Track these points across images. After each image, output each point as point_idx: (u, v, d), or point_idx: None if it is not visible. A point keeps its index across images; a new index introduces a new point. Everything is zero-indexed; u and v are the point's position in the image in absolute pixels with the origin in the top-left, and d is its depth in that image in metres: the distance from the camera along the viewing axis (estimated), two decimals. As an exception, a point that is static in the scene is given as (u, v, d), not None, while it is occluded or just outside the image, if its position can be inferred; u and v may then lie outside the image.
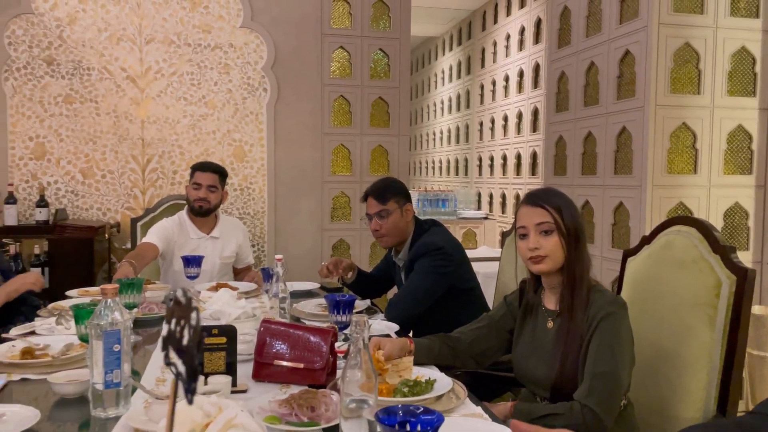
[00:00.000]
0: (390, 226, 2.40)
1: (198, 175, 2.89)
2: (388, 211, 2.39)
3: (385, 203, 2.40)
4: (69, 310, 2.08)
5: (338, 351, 1.58)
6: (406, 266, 2.39)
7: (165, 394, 1.26)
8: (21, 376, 1.52)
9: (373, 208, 2.43)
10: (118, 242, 4.30)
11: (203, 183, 2.88)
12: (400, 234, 2.43)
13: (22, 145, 4.10)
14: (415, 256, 2.32)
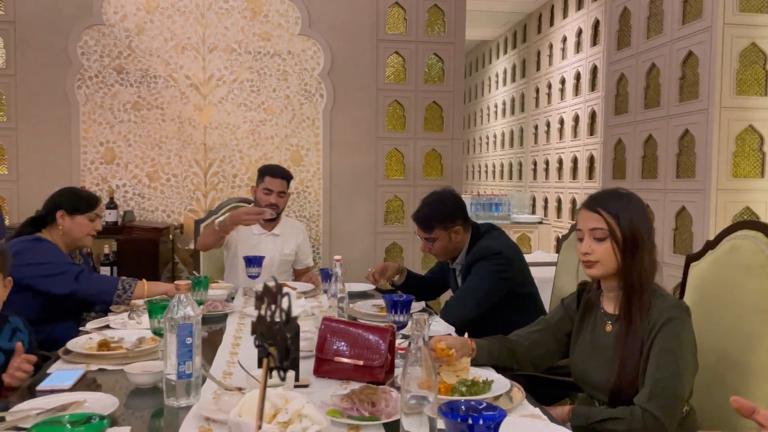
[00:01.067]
0: (438, 249, 2.40)
1: (269, 181, 2.97)
2: (434, 238, 2.38)
3: (431, 232, 2.38)
4: (140, 306, 2.20)
5: (399, 348, 1.62)
6: (462, 270, 2.39)
7: (234, 385, 1.32)
8: (98, 367, 1.62)
9: (420, 233, 2.43)
10: (181, 243, 4.48)
11: (274, 189, 2.97)
12: (451, 252, 2.43)
13: (93, 150, 4.32)
14: (473, 260, 2.31)
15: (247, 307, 2.34)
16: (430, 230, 2.36)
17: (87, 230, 2.36)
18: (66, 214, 2.32)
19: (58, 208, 2.32)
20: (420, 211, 2.42)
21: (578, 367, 1.65)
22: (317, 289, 2.77)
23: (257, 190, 3.02)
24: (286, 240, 3.08)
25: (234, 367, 1.64)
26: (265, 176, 2.99)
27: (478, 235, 2.40)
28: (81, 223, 2.34)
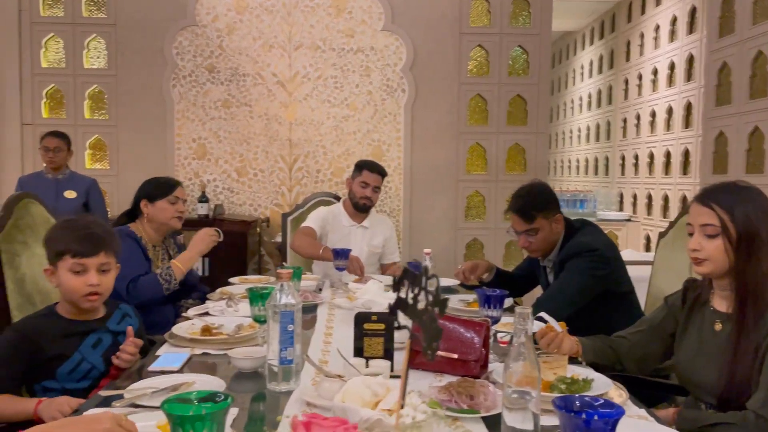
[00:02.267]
0: (540, 242, 2.27)
1: (367, 175, 3.02)
2: (536, 229, 2.24)
3: (532, 222, 2.24)
4: (236, 295, 2.29)
5: (501, 342, 1.60)
6: (555, 267, 2.31)
7: (335, 373, 1.35)
8: (202, 351, 1.70)
9: (519, 226, 2.27)
10: (267, 236, 4.62)
11: (371, 183, 3.03)
12: (551, 244, 2.31)
13: (186, 146, 4.53)
14: (566, 256, 2.22)
15: (336, 299, 2.38)
16: (531, 220, 2.23)
17: (170, 213, 2.43)
18: (148, 203, 2.42)
19: (141, 199, 2.44)
20: (517, 202, 2.29)
21: (683, 367, 1.57)
22: (402, 283, 2.78)
23: (353, 182, 3.07)
24: (375, 233, 3.12)
25: (329, 356, 1.67)
26: (363, 170, 3.05)
27: (571, 231, 2.30)
28: (162, 208, 2.41)
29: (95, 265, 1.59)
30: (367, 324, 1.52)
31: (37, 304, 2.17)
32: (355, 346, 1.53)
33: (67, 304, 1.62)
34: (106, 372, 1.63)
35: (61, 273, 1.58)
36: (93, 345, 1.60)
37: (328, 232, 3.06)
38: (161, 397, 1.30)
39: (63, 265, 1.58)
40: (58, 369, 1.55)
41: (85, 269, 1.57)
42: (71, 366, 1.56)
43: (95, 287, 1.58)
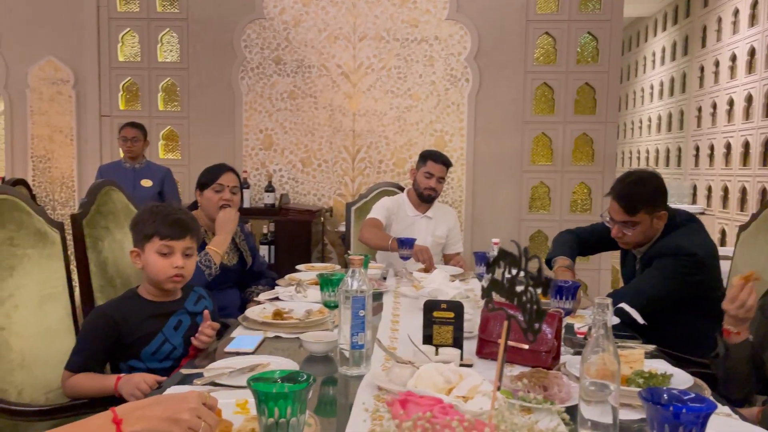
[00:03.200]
0: (635, 236, 2.12)
1: (431, 165, 3.02)
2: (636, 222, 2.09)
3: (633, 215, 2.08)
4: (305, 281, 2.33)
5: (578, 332, 1.57)
6: (645, 259, 2.16)
7: (406, 359, 1.36)
8: (275, 334, 1.74)
9: (618, 215, 2.12)
10: (331, 225, 4.69)
11: (435, 174, 3.02)
12: (647, 239, 2.15)
13: (253, 137, 4.65)
14: (658, 253, 2.07)
15: (401, 287, 2.39)
16: (633, 213, 2.07)
17: (215, 202, 2.39)
18: (199, 192, 2.46)
19: (196, 189, 2.48)
20: (622, 190, 2.11)
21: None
22: (466, 273, 2.77)
23: (417, 173, 3.07)
24: (439, 223, 3.12)
25: (397, 342, 1.69)
26: (428, 160, 3.04)
27: (673, 224, 2.11)
28: (208, 197, 2.41)
29: (181, 248, 1.66)
30: (436, 312, 1.52)
31: (118, 286, 2.28)
32: (424, 334, 1.54)
33: (149, 287, 1.70)
34: (185, 353, 1.70)
35: (148, 255, 1.66)
36: (175, 326, 1.67)
37: (392, 222, 3.08)
38: (239, 376, 1.35)
39: (151, 247, 1.65)
40: (143, 350, 1.62)
41: (171, 252, 1.65)
42: (155, 347, 1.64)
43: (180, 269, 1.65)
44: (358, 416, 1.17)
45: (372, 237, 2.91)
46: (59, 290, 1.89)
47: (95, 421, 0.85)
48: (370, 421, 1.15)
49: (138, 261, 1.69)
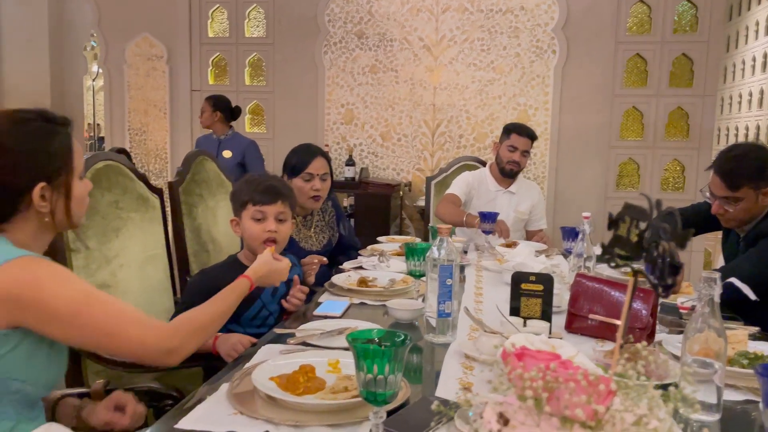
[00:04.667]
0: (738, 213, 2.00)
1: (515, 138, 2.95)
2: (738, 198, 1.97)
3: (736, 190, 1.96)
4: (387, 252, 2.35)
5: (681, 308, 1.51)
6: (748, 238, 2.02)
7: (492, 328, 1.35)
8: (360, 301, 1.78)
9: (719, 190, 2.00)
10: (409, 200, 4.70)
11: (519, 147, 2.96)
12: (751, 217, 2.01)
13: (335, 111, 4.70)
14: (765, 233, 1.94)
15: (482, 261, 2.37)
16: (736, 188, 1.96)
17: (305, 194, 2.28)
18: (287, 177, 2.35)
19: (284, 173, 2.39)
20: (725, 164, 2.00)
21: None
22: (550, 249, 2.70)
23: (500, 146, 3.01)
24: (522, 198, 3.05)
25: (482, 314, 1.67)
26: (512, 133, 2.97)
27: None
28: (298, 186, 2.27)
29: (273, 213, 1.71)
30: (524, 284, 1.50)
31: (210, 252, 2.39)
32: (511, 306, 1.52)
33: (249, 254, 1.77)
34: (280, 319, 1.76)
35: (244, 221, 1.72)
36: (271, 293, 1.73)
37: (473, 198, 3.04)
38: (329, 338, 1.38)
39: (246, 214, 1.72)
40: (243, 314, 1.69)
41: (264, 217, 1.71)
42: (254, 312, 1.70)
43: (273, 234, 1.70)
44: (447, 382, 1.18)
45: (447, 213, 2.88)
46: (159, 252, 2.01)
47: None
48: (459, 387, 1.16)
49: (237, 229, 1.76)
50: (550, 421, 0.42)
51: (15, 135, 1.08)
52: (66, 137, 1.13)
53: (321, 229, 2.49)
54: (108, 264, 1.76)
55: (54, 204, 1.10)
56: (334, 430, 0.97)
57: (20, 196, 1.07)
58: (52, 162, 1.09)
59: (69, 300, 1.02)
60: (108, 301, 1.09)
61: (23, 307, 1.00)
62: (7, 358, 1.01)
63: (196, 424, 0.97)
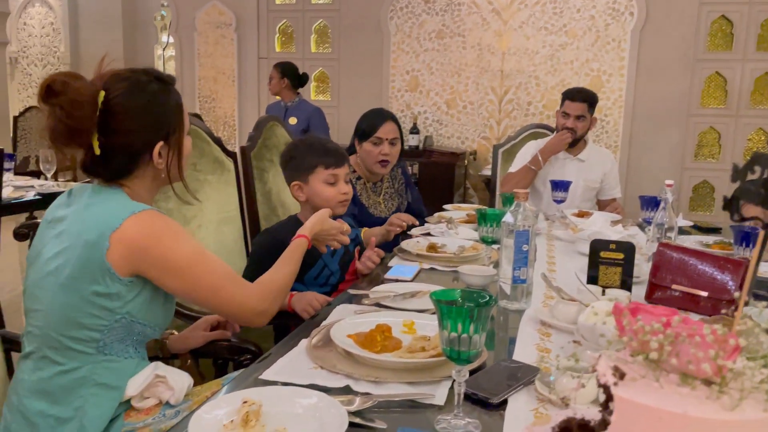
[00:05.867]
0: None
1: (567, 104, 2.86)
2: None
3: None
4: (455, 219, 2.33)
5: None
6: None
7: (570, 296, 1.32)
8: (430, 266, 1.77)
9: None
10: (473, 169, 4.63)
11: (572, 113, 2.86)
12: None
13: (400, 78, 4.66)
14: None
15: (553, 231, 2.31)
16: None
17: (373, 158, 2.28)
18: (357, 141, 2.34)
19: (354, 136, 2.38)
20: None
21: None
22: (624, 220, 2.61)
23: (558, 114, 2.93)
24: (592, 166, 2.94)
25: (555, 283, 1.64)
26: (565, 99, 2.88)
27: None
28: (367, 150, 2.27)
29: (343, 174, 1.72)
30: (603, 252, 1.45)
31: (280, 215, 2.44)
32: (589, 274, 1.47)
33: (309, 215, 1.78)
34: (342, 278, 1.78)
35: (315, 185, 1.72)
36: (332, 253, 1.75)
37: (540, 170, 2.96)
38: (402, 300, 1.39)
39: (316, 178, 1.72)
40: (306, 273, 1.72)
41: (336, 179, 1.71)
42: (316, 271, 1.73)
43: (346, 195, 1.72)
44: (524, 348, 1.16)
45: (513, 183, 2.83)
46: (234, 214, 2.06)
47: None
48: (537, 352, 1.14)
49: (301, 194, 1.75)
50: (668, 378, 0.40)
51: (137, 97, 1.11)
52: (177, 95, 1.17)
53: (390, 195, 2.49)
54: (187, 224, 1.82)
55: (169, 161, 1.15)
56: (412, 387, 0.97)
57: (141, 154, 1.12)
58: (169, 121, 1.14)
59: (184, 255, 1.09)
60: (215, 260, 1.15)
61: (146, 258, 1.06)
62: (132, 303, 1.08)
63: (279, 375, 0.99)
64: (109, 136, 1.08)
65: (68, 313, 1.06)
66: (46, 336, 1.08)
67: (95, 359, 1.08)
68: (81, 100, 1.04)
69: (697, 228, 2.55)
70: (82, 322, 1.06)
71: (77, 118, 1.03)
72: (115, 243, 1.03)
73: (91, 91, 1.06)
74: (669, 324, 0.39)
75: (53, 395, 1.07)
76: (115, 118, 1.08)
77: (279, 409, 0.86)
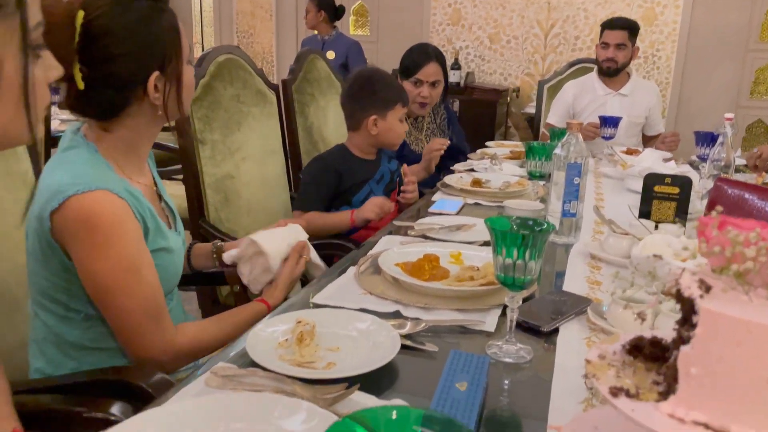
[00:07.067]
0: None
1: (606, 34, 2.75)
2: None
3: None
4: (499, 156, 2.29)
5: None
6: None
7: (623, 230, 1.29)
8: (474, 201, 1.75)
9: None
10: (515, 107, 4.51)
11: (611, 42, 2.73)
12: None
13: (441, 12, 4.50)
14: None
15: (601, 168, 2.25)
16: None
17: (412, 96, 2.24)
18: (400, 77, 2.33)
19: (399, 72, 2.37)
20: None
21: None
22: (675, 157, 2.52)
23: (598, 47, 2.81)
24: (636, 101, 2.82)
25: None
26: (604, 30, 2.77)
27: None
28: (407, 89, 2.23)
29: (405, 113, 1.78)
30: (658, 186, 1.40)
31: (321, 150, 2.43)
32: (641, 210, 1.43)
33: (365, 146, 1.80)
34: None
35: (391, 121, 1.77)
36: (378, 180, 1.78)
37: (578, 108, 2.86)
38: (447, 233, 1.38)
39: (394, 114, 1.76)
40: (354, 197, 1.75)
41: (403, 118, 1.75)
42: (363, 195, 1.76)
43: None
44: (574, 280, 1.15)
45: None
46: (276, 147, 2.06)
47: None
48: (587, 285, 1.12)
49: (374, 128, 1.76)
50: (756, 291, 0.38)
51: (122, 17, 0.94)
52: (172, 16, 1.00)
53: (432, 131, 2.46)
54: (231, 156, 1.82)
55: (167, 94, 0.98)
56: (462, 314, 0.97)
57: (133, 88, 0.97)
58: (162, 46, 0.97)
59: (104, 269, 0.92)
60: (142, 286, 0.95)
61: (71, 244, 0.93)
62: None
63: (330, 300, 1.01)
64: (93, 65, 0.92)
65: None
66: None
67: None
68: (55, 22, 0.86)
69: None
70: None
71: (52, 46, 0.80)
72: (56, 223, 0.91)
73: (67, 12, 0.90)
74: (766, 237, 0.37)
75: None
76: (98, 44, 0.92)
77: (332, 331, 0.87)
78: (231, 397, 0.66)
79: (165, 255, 1.03)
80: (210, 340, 1.03)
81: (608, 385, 0.43)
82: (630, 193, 1.86)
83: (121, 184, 0.97)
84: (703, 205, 1.61)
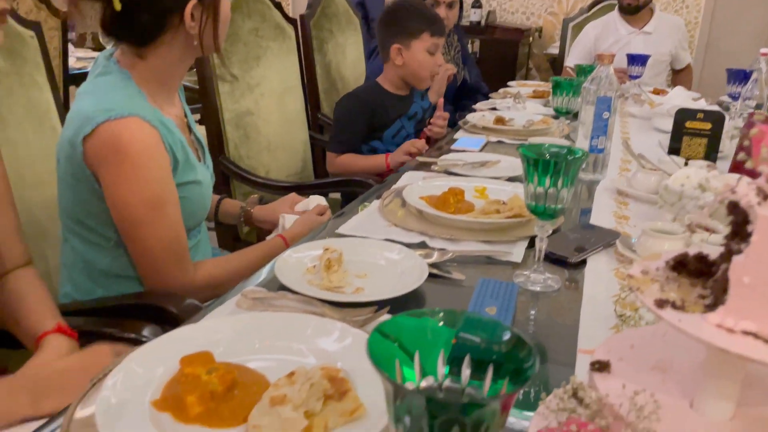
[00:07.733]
0: None
1: None
2: None
3: None
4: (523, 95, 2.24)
5: None
6: None
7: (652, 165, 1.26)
8: (497, 139, 1.72)
9: None
10: (537, 48, 4.38)
11: None
12: None
13: (463, -53, 4.32)
14: None
15: (627, 108, 2.20)
16: None
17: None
18: None
19: None
20: None
21: None
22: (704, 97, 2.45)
23: None
24: (662, 38, 2.72)
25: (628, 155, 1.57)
26: None
27: None
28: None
29: (441, 46, 1.71)
30: (689, 122, 1.36)
31: (339, 90, 2.39)
32: (671, 146, 1.40)
33: (396, 80, 1.78)
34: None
35: (416, 51, 1.71)
36: (409, 116, 1.76)
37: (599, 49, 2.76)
38: (471, 168, 1.36)
39: (420, 44, 1.70)
40: (386, 131, 1.75)
41: (436, 49, 1.71)
42: (394, 131, 1.75)
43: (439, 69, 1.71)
44: (600, 214, 1.13)
45: None
46: (295, 84, 2.03)
47: None
48: (614, 219, 1.11)
49: (399, 58, 1.72)
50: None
51: None
52: None
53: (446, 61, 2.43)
54: (251, 92, 1.80)
55: (203, 25, 0.97)
56: (488, 246, 0.97)
57: (170, 15, 0.95)
58: None
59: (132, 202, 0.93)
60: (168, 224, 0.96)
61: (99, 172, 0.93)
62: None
63: (356, 230, 1.00)
64: None
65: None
66: None
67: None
68: None
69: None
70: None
71: None
72: (88, 149, 0.90)
73: None
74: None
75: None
76: None
77: (360, 259, 0.87)
78: (264, 315, 0.67)
79: (194, 187, 1.03)
80: (228, 276, 1.04)
81: (653, 297, 0.43)
82: (657, 132, 1.82)
83: (154, 114, 0.96)
84: (733, 145, 1.57)
